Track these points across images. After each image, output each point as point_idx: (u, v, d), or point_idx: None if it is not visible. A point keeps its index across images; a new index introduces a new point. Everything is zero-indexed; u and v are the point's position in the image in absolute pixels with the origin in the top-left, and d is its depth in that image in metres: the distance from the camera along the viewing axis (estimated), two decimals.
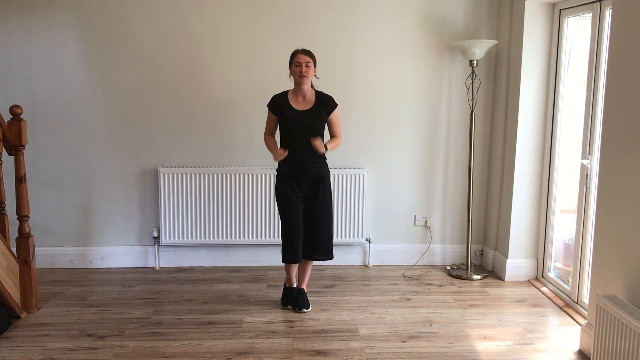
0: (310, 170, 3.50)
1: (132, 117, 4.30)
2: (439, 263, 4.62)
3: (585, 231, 3.58)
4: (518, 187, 4.13)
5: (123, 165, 4.35)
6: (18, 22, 4.13)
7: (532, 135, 4.09)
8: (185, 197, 4.33)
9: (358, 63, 4.33)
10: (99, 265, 4.45)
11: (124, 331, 3.34)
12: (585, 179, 3.56)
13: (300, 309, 3.64)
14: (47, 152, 4.28)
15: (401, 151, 4.47)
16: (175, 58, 4.24)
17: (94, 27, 4.18)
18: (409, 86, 4.39)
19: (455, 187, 4.54)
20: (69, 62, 4.21)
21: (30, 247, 3.57)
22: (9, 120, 3.47)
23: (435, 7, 4.31)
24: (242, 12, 4.22)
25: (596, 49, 3.45)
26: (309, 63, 3.42)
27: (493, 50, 4.34)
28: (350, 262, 4.58)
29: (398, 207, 4.54)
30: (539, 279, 4.24)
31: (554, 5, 3.94)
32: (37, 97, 4.22)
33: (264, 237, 4.42)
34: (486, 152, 4.52)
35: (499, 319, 3.59)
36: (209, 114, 4.32)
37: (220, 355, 3.06)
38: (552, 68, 3.99)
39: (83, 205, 4.38)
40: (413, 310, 3.69)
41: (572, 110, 3.95)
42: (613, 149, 2.92)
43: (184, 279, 4.23)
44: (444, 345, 3.22)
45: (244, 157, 4.37)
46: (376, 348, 3.16)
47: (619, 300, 2.68)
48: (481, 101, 4.42)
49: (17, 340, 3.22)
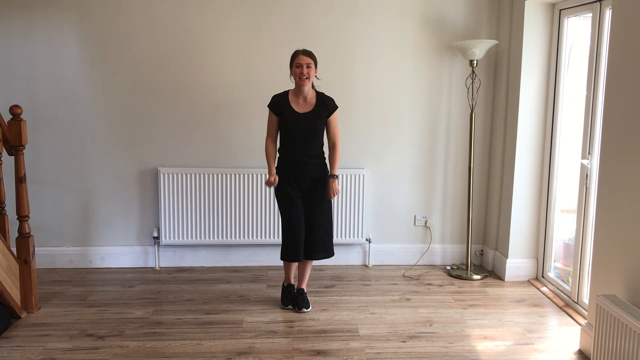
0: (309, 170, 3.51)
1: (132, 117, 4.30)
2: (439, 263, 4.62)
3: (585, 231, 3.58)
4: (518, 187, 4.13)
5: (123, 165, 4.35)
6: (18, 22, 4.13)
7: (532, 135, 4.09)
8: (185, 197, 4.33)
9: (358, 63, 4.33)
10: (99, 265, 4.45)
11: (124, 331, 3.34)
12: (585, 178, 3.56)
13: (300, 309, 3.64)
14: (47, 152, 4.28)
15: (401, 151, 4.47)
16: (175, 58, 4.24)
17: (94, 27, 4.18)
18: (409, 86, 4.39)
19: (455, 187, 4.54)
20: (69, 62, 4.21)
21: (30, 247, 3.57)
22: (9, 120, 3.47)
23: (435, 7, 4.31)
24: (242, 12, 4.22)
25: (596, 49, 3.45)
26: (310, 64, 3.41)
27: (493, 50, 4.34)
28: (350, 262, 4.58)
29: (398, 207, 4.54)
30: (539, 279, 4.24)
31: (554, 5, 3.94)
32: (37, 97, 4.22)
33: (264, 237, 4.42)
34: (486, 152, 4.52)
35: (499, 319, 3.59)
36: (209, 114, 4.32)
37: (220, 355, 3.06)
38: (552, 68, 3.99)
39: (83, 205, 4.38)
40: (413, 310, 3.69)
41: (572, 110, 3.95)
42: (613, 149, 2.92)
43: (184, 279, 4.23)
44: (444, 345, 3.22)
45: (244, 157, 4.37)
46: (376, 348, 3.16)
47: (619, 300, 2.68)
48: (481, 101, 4.42)
49: (17, 340, 3.22)
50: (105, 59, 4.22)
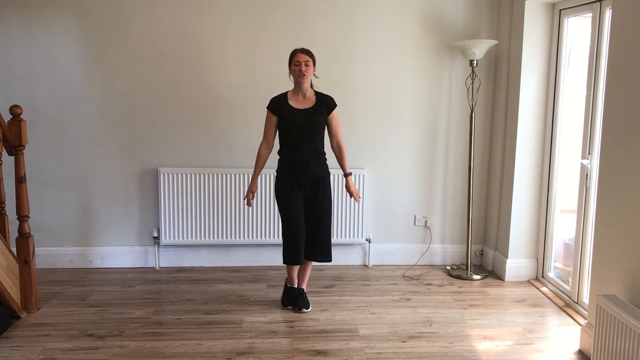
0: (310, 170, 3.50)
1: (132, 117, 4.30)
2: (439, 263, 4.62)
3: (585, 231, 3.58)
4: (518, 187, 4.13)
5: (123, 165, 4.35)
6: (18, 22, 4.13)
7: (532, 135, 4.08)
8: (185, 197, 4.33)
9: (358, 63, 4.33)
10: (99, 265, 4.45)
11: (124, 331, 3.34)
12: (585, 179, 3.56)
13: (300, 309, 3.63)
14: (47, 152, 4.28)
15: (401, 151, 4.47)
16: (175, 58, 4.24)
17: (94, 27, 4.18)
18: (409, 86, 4.39)
19: (455, 187, 4.54)
20: (68, 61, 4.21)
21: (30, 247, 3.57)
22: (9, 120, 3.47)
23: (435, 7, 4.31)
24: (242, 12, 4.22)
25: (596, 49, 3.45)
26: (308, 62, 3.42)
27: (493, 50, 4.34)
28: (350, 262, 4.58)
29: (398, 207, 4.54)
30: (539, 279, 4.24)
31: (554, 5, 3.94)
32: (37, 97, 4.22)
33: (264, 237, 4.42)
34: (486, 152, 4.52)
35: (499, 319, 3.59)
36: (209, 114, 4.32)
37: (220, 355, 3.06)
38: (552, 68, 3.99)
39: (83, 205, 4.38)
40: (413, 310, 3.69)
41: (572, 110, 3.95)
42: (613, 149, 2.92)
43: (184, 279, 4.23)
44: (444, 345, 3.22)
45: (244, 157, 4.36)
46: (376, 348, 3.16)
47: (619, 300, 2.68)
48: (481, 101, 4.42)
49: (17, 340, 3.22)
50: (105, 59, 4.22)
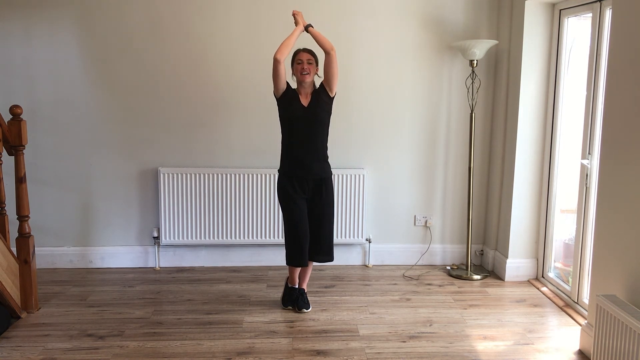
0: (313, 170, 3.48)
1: (132, 117, 4.30)
2: (439, 263, 4.62)
3: (585, 231, 3.58)
4: (518, 187, 4.13)
5: (123, 165, 4.35)
6: (18, 22, 4.13)
7: (532, 135, 4.08)
8: (185, 197, 4.33)
9: (358, 63, 4.33)
10: (99, 265, 4.45)
11: (124, 331, 3.34)
12: (585, 179, 3.56)
13: (300, 309, 3.63)
14: (47, 152, 4.28)
15: (401, 151, 4.47)
16: (175, 58, 4.24)
17: (94, 27, 4.18)
18: (409, 86, 4.39)
19: (455, 187, 4.54)
20: (69, 62, 4.21)
21: (30, 247, 3.57)
22: (9, 120, 3.47)
23: (435, 7, 4.31)
24: (242, 12, 4.22)
25: (596, 49, 3.45)
26: (311, 60, 3.42)
27: (493, 50, 4.34)
28: (350, 262, 4.58)
29: (398, 207, 4.54)
30: (539, 279, 4.24)
31: (554, 5, 3.94)
32: (37, 97, 4.22)
33: (264, 237, 4.42)
34: (486, 152, 4.52)
35: (499, 319, 3.59)
36: (209, 114, 4.32)
37: (220, 355, 3.06)
38: (552, 68, 3.99)
39: (83, 205, 4.38)
40: (413, 310, 3.69)
41: (572, 110, 3.95)
42: (613, 149, 2.92)
43: (184, 279, 4.23)
44: (444, 345, 3.22)
45: (244, 157, 4.37)
46: (376, 348, 3.16)
47: (619, 300, 2.68)
48: (481, 101, 4.42)
49: (17, 340, 3.22)
50: (106, 59, 4.22)
